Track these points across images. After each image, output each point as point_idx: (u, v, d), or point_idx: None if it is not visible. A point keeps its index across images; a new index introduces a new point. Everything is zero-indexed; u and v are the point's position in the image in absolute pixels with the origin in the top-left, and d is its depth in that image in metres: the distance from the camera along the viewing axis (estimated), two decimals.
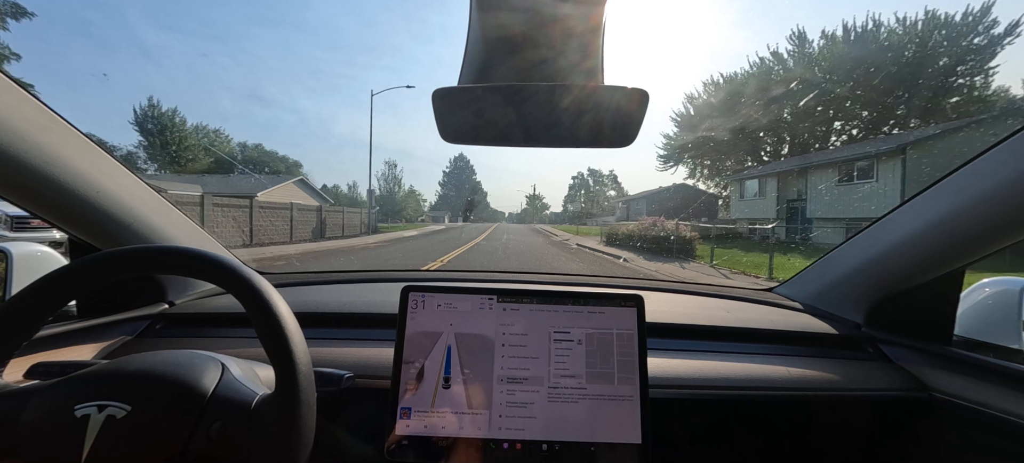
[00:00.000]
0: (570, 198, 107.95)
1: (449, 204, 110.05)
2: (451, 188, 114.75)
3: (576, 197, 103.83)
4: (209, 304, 1.06)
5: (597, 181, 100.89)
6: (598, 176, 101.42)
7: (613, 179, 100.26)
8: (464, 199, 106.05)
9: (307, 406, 0.51)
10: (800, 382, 0.85)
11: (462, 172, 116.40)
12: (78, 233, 0.86)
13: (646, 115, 0.63)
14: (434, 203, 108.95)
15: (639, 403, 0.68)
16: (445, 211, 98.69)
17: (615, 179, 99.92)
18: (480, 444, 0.66)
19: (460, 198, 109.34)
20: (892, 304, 0.94)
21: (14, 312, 0.52)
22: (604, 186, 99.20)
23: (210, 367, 0.56)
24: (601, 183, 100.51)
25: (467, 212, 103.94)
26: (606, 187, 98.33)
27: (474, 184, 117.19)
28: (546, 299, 0.73)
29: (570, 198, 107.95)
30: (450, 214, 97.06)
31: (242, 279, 0.53)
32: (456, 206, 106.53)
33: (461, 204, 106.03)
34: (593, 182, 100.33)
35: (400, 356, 0.69)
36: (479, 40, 0.61)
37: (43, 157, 0.69)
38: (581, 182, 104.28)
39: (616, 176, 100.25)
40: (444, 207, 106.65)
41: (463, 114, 0.67)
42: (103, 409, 0.48)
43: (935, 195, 0.80)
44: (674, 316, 1.00)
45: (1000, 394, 0.74)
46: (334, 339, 0.91)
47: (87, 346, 0.84)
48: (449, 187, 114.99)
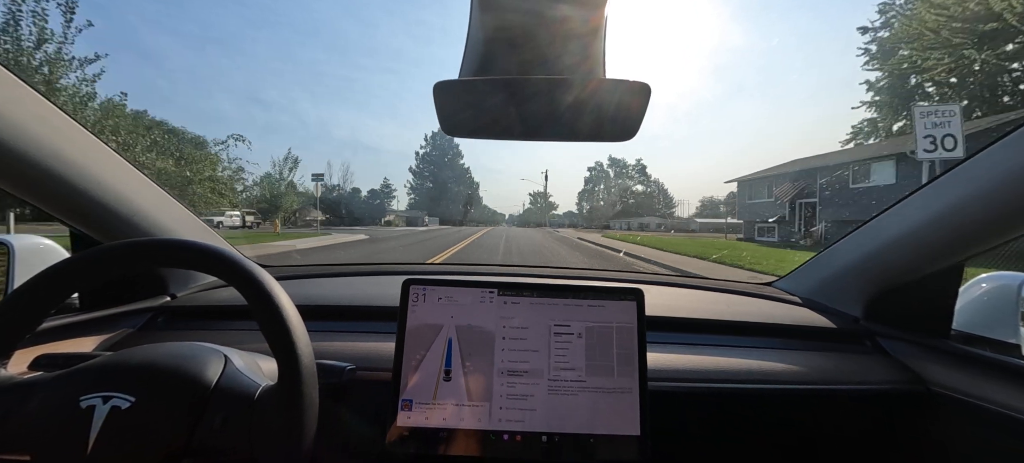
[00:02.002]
0: (587, 194, 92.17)
1: (425, 197, 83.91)
2: (427, 176, 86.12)
3: (593, 194, 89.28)
4: (211, 297, 1.06)
5: (620, 172, 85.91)
6: (621, 166, 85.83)
7: (641, 170, 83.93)
8: (448, 191, 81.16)
9: (309, 398, 0.51)
10: (798, 376, 0.85)
11: (443, 153, 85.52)
12: (80, 226, 0.86)
13: (648, 108, 0.63)
14: (411, 202, 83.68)
15: (638, 396, 0.69)
16: (421, 211, 74.79)
17: (643, 170, 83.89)
18: (480, 435, 0.66)
19: (442, 192, 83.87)
20: (891, 298, 0.95)
21: (17, 305, 0.52)
22: (629, 178, 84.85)
23: (213, 359, 0.57)
24: (625, 175, 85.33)
25: (467, 206, 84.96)
26: (632, 180, 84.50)
27: (461, 171, 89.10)
28: (546, 292, 0.74)
29: (587, 194, 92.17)
30: (427, 213, 74.58)
31: (244, 272, 0.54)
32: (438, 200, 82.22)
33: (445, 198, 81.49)
34: (614, 173, 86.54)
35: (401, 348, 0.69)
36: (480, 35, 0.61)
37: (44, 150, 0.69)
38: (599, 174, 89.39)
39: (644, 166, 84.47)
40: (422, 205, 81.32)
41: (464, 108, 0.67)
42: (108, 400, 0.49)
43: (935, 190, 0.80)
44: (673, 310, 1.01)
45: (998, 388, 0.75)
46: (336, 332, 0.91)
47: (90, 338, 0.85)
48: (425, 175, 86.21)
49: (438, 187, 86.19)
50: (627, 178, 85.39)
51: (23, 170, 0.69)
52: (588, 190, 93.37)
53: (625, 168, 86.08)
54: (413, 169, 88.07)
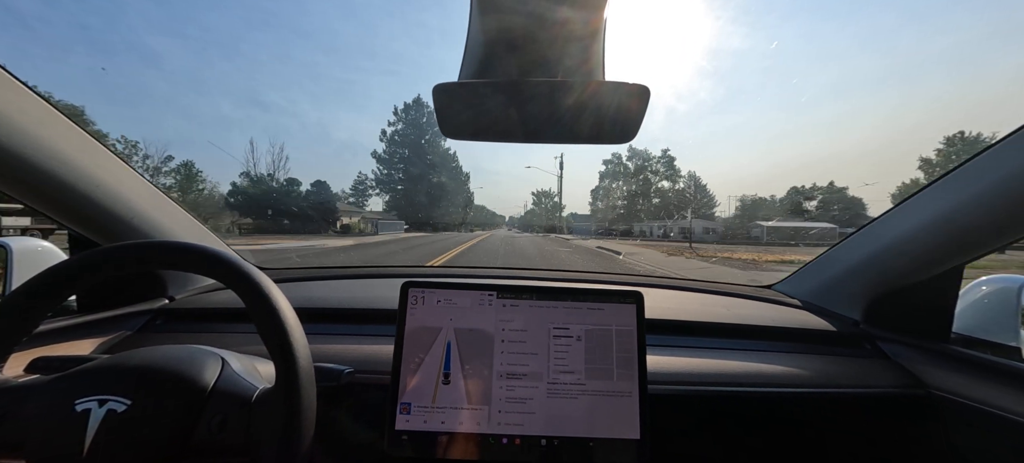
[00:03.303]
0: (602, 192, 75.36)
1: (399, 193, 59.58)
2: (396, 165, 60.38)
3: (608, 192, 72.85)
4: (209, 299, 1.06)
5: (641, 167, 68.43)
6: (644, 158, 68.31)
7: (668, 163, 66.98)
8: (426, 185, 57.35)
9: (307, 401, 0.51)
10: (798, 379, 0.85)
11: (419, 133, 59.87)
12: (78, 228, 0.86)
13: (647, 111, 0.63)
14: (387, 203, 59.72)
15: (638, 399, 0.68)
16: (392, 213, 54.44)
17: (671, 163, 66.93)
18: (479, 439, 0.66)
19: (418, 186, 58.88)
20: (890, 301, 0.95)
21: (14, 307, 0.52)
22: (653, 173, 68.26)
23: (210, 362, 0.56)
24: (648, 169, 68.20)
25: (466, 208, 67.30)
26: (657, 175, 68.12)
27: (443, 153, 63.12)
28: (545, 295, 0.73)
29: (602, 192, 75.36)
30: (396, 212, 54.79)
31: (242, 274, 0.54)
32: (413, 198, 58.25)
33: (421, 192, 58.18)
34: (633, 165, 69.49)
35: (400, 351, 0.69)
36: (479, 37, 0.61)
37: (43, 152, 0.69)
38: (617, 168, 71.72)
39: (673, 158, 66.98)
40: (398, 204, 58.25)
41: (464, 110, 0.67)
42: (104, 404, 0.48)
43: (935, 193, 0.80)
44: (673, 313, 1.01)
45: (998, 391, 0.74)
46: (334, 334, 0.91)
47: (87, 341, 0.85)
48: (394, 163, 60.57)
49: (412, 181, 60.53)
50: (649, 171, 68.09)
51: (24, 172, 0.69)
52: (604, 189, 75.38)
53: (648, 161, 68.44)
54: (379, 155, 58.30)
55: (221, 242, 1.20)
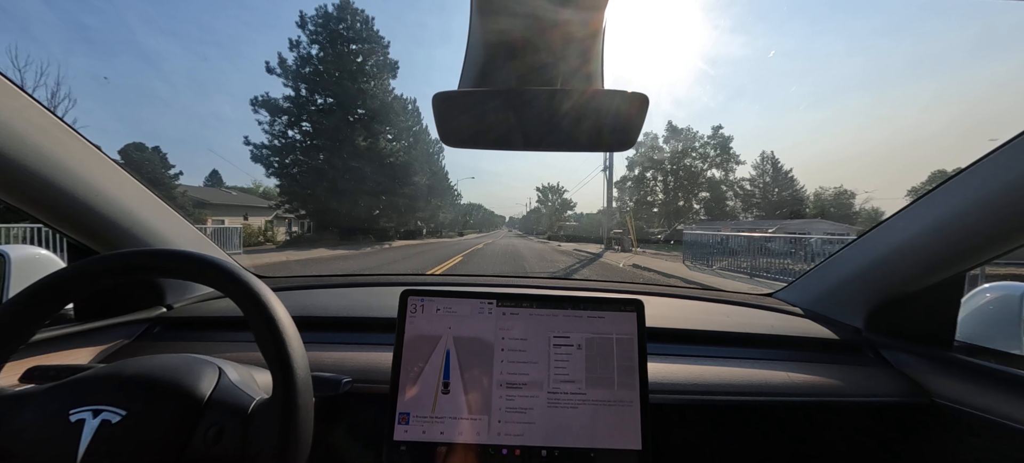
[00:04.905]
0: (633, 186, 49.55)
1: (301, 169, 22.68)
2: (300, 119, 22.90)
3: (641, 183, 49.09)
4: (207, 308, 1.05)
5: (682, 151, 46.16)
6: (688, 139, 46.92)
7: (721, 146, 45.85)
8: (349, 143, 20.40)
9: (305, 411, 0.50)
10: (801, 387, 0.84)
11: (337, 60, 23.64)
12: (76, 236, 0.85)
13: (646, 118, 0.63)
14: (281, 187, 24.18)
15: (639, 408, 0.67)
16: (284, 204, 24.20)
17: (725, 146, 45.89)
18: (479, 450, 0.65)
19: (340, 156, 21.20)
20: (893, 309, 0.94)
21: (11, 315, 0.51)
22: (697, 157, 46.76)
23: (207, 372, 0.56)
24: (690, 152, 46.54)
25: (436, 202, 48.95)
26: (705, 161, 46.88)
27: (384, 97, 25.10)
28: (545, 303, 0.73)
29: (633, 186, 49.55)
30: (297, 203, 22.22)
31: (240, 283, 0.53)
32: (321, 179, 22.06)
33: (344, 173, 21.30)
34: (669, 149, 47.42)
35: (399, 360, 0.68)
36: (479, 45, 0.62)
37: (42, 160, 0.69)
38: (651, 155, 47.49)
39: (728, 138, 45.91)
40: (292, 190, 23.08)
41: (463, 118, 0.67)
42: (98, 414, 0.48)
43: (936, 199, 0.80)
44: (674, 321, 1.00)
45: (1002, 399, 0.74)
46: (333, 343, 0.90)
47: (84, 349, 0.84)
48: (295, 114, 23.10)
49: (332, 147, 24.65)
50: (696, 158, 47.03)
51: (23, 180, 0.69)
52: (620, 184, 51.30)
53: (693, 141, 46.82)
54: (259, 101, 24.06)
55: (220, 250, 1.20)
